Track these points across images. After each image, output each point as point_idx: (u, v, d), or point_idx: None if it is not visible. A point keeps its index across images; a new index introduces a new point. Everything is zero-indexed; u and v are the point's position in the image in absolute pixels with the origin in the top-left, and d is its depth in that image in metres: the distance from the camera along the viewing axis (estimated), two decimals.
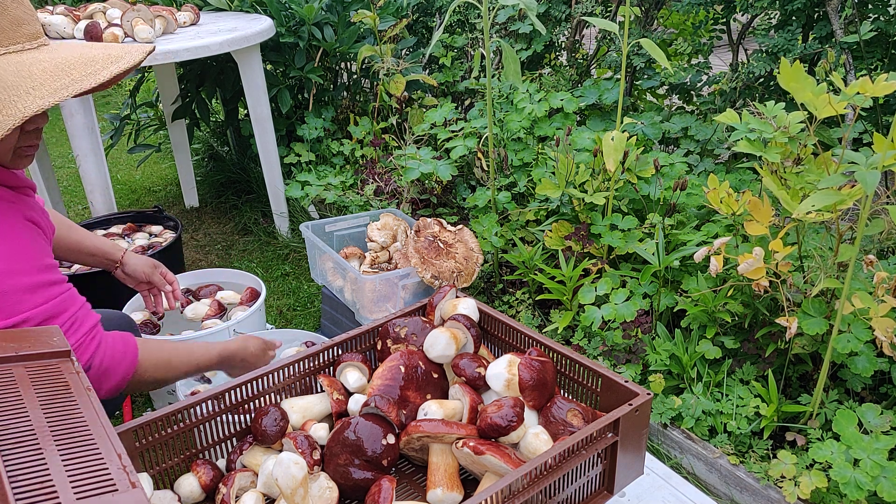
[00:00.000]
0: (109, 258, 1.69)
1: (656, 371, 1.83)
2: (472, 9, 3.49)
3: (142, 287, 1.76)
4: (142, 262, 1.73)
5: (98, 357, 1.20)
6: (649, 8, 2.86)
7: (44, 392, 0.84)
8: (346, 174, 3.17)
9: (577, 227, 2.13)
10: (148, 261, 1.74)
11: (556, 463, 1.02)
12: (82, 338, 1.18)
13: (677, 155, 2.31)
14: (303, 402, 1.27)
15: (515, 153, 2.58)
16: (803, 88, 1.46)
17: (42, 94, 1.06)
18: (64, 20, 2.54)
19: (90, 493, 0.67)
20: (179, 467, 1.16)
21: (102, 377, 1.22)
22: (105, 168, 2.54)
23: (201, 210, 3.66)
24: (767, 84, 2.53)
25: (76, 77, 1.10)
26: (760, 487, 1.58)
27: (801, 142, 1.62)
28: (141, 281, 1.74)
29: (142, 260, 1.73)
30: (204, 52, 2.50)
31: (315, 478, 1.10)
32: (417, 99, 3.44)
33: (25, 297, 1.10)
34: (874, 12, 2.28)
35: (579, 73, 3.23)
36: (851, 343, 1.56)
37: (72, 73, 1.10)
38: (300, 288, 2.82)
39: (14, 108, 1.04)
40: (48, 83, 1.07)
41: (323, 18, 3.24)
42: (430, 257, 2.06)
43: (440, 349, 1.28)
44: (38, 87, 1.07)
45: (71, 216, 3.67)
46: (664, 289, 1.99)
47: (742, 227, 1.78)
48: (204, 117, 3.51)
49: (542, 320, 2.23)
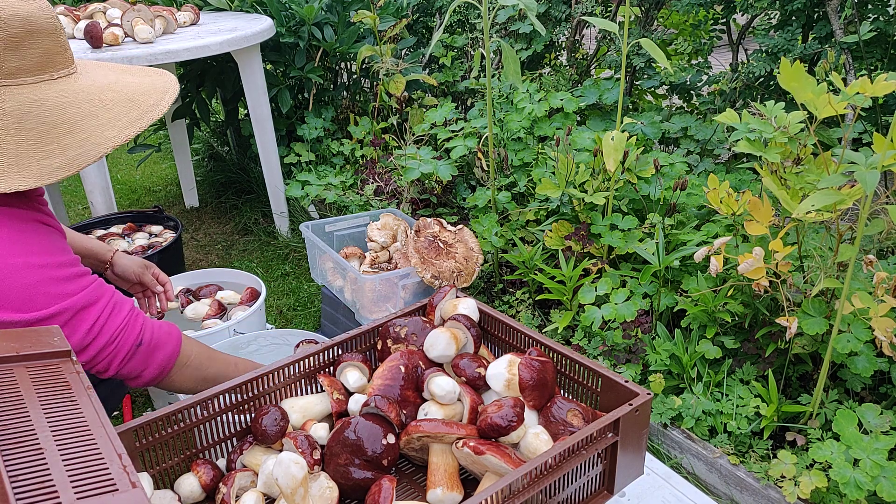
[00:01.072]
0: (99, 259, 1.67)
1: (656, 371, 1.84)
2: (472, 9, 3.49)
3: (135, 289, 1.74)
4: (132, 263, 1.71)
5: (147, 332, 1.22)
6: (649, 8, 2.86)
7: (44, 392, 0.84)
8: (346, 174, 3.17)
9: (577, 227, 2.14)
10: (139, 261, 1.72)
11: (556, 463, 1.02)
12: (126, 316, 1.20)
13: (677, 155, 2.31)
14: (303, 401, 1.27)
15: (515, 153, 2.58)
16: (804, 88, 1.46)
17: (124, 124, 1.15)
18: (64, 20, 2.54)
19: (91, 492, 0.67)
20: (179, 467, 1.16)
21: (153, 352, 1.23)
22: (105, 168, 2.54)
23: (201, 210, 3.66)
24: (767, 84, 2.53)
25: (144, 108, 1.19)
26: (760, 487, 1.59)
27: (801, 142, 1.62)
28: (132, 282, 1.72)
29: (132, 260, 1.72)
30: (204, 52, 2.49)
31: (315, 477, 1.10)
32: (417, 99, 3.44)
33: (56, 290, 1.11)
34: (874, 12, 2.28)
35: (579, 73, 3.23)
36: (851, 343, 1.57)
37: (140, 105, 1.19)
38: (300, 288, 2.82)
39: (102, 136, 1.12)
40: (124, 114, 1.16)
41: (323, 18, 3.24)
42: (430, 257, 2.06)
43: (440, 349, 1.28)
44: (117, 117, 1.15)
45: (71, 216, 3.67)
46: (664, 289, 1.99)
47: (742, 227, 1.78)
48: (204, 117, 3.51)
49: (542, 320, 2.23)
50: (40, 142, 1.09)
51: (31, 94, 1.09)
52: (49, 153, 1.09)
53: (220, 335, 1.85)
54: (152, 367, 1.24)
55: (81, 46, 2.42)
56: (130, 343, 1.20)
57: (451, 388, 1.20)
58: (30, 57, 1.09)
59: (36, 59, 1.10)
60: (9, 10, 1.06)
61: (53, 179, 1.09)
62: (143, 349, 1.22)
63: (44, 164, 1.08)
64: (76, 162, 1.10)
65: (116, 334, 1.18)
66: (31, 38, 1.08)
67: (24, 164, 1.07)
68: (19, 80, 1.08)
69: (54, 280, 1.11)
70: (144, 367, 1.23)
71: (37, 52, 1.10)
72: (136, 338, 1.20)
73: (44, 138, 1.09)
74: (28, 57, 1.09)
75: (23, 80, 1.09)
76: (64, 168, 1.09)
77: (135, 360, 1.21)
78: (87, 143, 1.11)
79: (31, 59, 1.09)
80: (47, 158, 1.09)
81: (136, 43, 2.48)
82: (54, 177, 1.08)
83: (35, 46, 1.09)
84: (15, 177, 1.06)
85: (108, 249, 1.69)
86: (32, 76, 1.10)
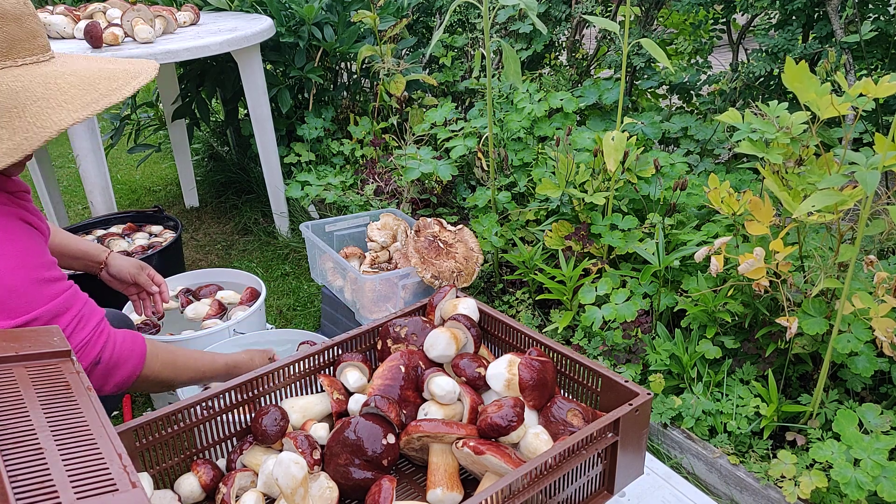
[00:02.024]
0: (93, 260, 1.67)
1: (656, 371, 1.84)
2: (473, 9, 3.49)
3: (130, 290, 1.73)
4: (127, 264, 1.70)
5: (108, 351, 1.21)
6: (649, 8, 2.86)
7: (44, 392, 0.84)
8: (346, 174, 3.17)
9: (577, 227, 2.13)
10: (133, 262, 1.72)
11: (556, 463, 1.02)
12: (90, 332, 1.19)
13: (677, 155, 2.31)
14: (303, 401, 1.27)
15: (515, 153, 2.58)
16: (807, 89, 1.46)
17: (75, 107, 1.09)
18: (64, 20, 2.54)
19: (91, 492, 0.67)
20: (179, 467, 1.16)
21: (111, 371, 1.22)
22: (105, 168, 2.54)
23: (201, 210, 3.66)
24: (767, 84, 2.53)
25: (103, 91, 1.13)
26: (760, 487, 1.59)
27: (803, 143, 1.62)
28: (128, 283, 1.71)
29: (127, 261, 1.71)
30: (204, 52, 2.49)
31: (315, 477, 1.10)
32: (417, 99, 3.44)
33: (34, 295, 1.10)
34: (874, 12, 2.28)
35: (579, 73, 3.23)
36: (851, 343, 1.56)
37: (98, 88, 1.13)
38: (300, 288, 2.82)
39: (48, 119, 1.07)
40: (78, 97, 1.10)
41: (323, 18, 3.24)
42: (430, 257, 2.06)
43: (440, 349, 1.28)
44: (70, 100, 1.09)
45: (71, 216, 3.67)
46: (664, 289, 1.99)
47: (742, 227, 1.78)
48: (204, 117, 3.51)
49: (542, 320, 2.23)
50: None
51: None
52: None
53: (220, 335, 1.84)
54: (110, 384, 1.24)
55: (81, 46, 2.42)
56: (89, 361, 1.19)
57: (451, 388, 1.20)
58: None
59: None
60: None
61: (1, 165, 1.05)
62: (100, 368, 1.21)
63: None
64: (22, 147, 1.05)
65: (77, 349, 1.17)
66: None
67: None
68: None
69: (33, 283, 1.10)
70: (102, 384, 1.23)
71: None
72: (95, 356, 1.19)
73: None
74: None
75: None
76: (10, 153, 1.05)
77: (92, 377, 1.20)
78: (33, 126, 1.07)
79: None
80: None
81: (136, 43, 2.48)
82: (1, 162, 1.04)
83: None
84: None
85: (102, 250, 1.69)
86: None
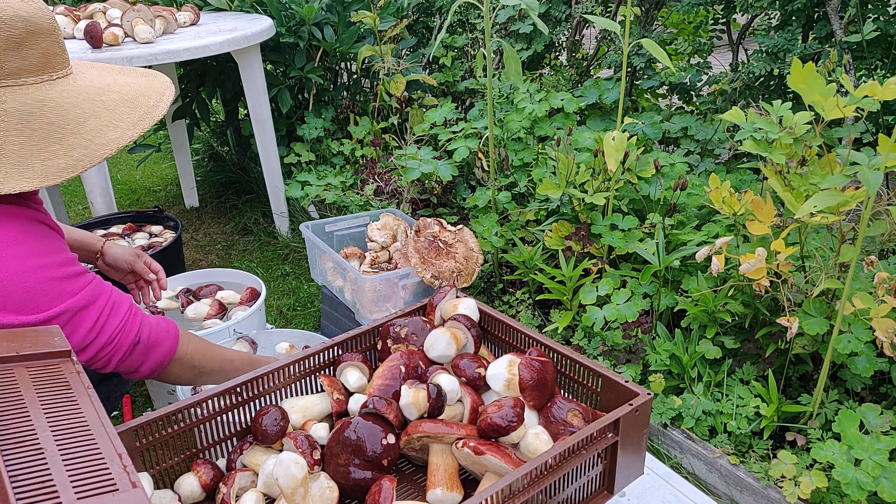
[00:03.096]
0: (89, 250, 1.67)
1: (656, 371, 1.83)
2: (473, 9, 3.49)
3: (127, 279, 1.74)
4: (123, 252, 1.71)
5: (145, 330, 1.23)
6: (649, 8, 2.86)
7: (44, 392, 0.84)
8: (346, 174, 3.17)
9: (578, 227, 2.13)
10: (129, 250, 1.72)
11: (556, 463, 1.02)
12: (125, 315, 1.21)
13: (677, 155, 2.31)
14: (303, 401, 1.27)
15: (516, 153, 2.58)
16: (812, 89, 1.45)
17: (126, 125, 1.16)
18: (64, 20, 2.54)
19: (91, 492, 0.67)
20: (179, 467, 1.16)
21: (150, 350, 1.24)
22: (105, 168, 2.54)
23: (201, 210, 3.66)
24: (767, 84, 2.53)
25: (146, 110, 1.20)
26: (760, 487, 1.58)
27: (806, 143, 1.61)
28: (124, 271, 1.72)
29: (123, 249, 1.71)
30: (204, 52, 2.49)
31: (315, 477, 1.10)
32: (417, 99, 3.44)
33: (56, 290, 1.11)
34: (874, 12, 2.28)
35: (579, 73, 3.23)
36: (852, 343, 1.56)
37: (141, 106, 1.20)
38: (300, 288, 2.82)
39: (105, 136, 1.13)
40: (126, 116, 1.17)
41: (323, 18, 3.24)
42: (430, 257, 2.06)
43: (440, 349, 1.28)
44: (120, 119, 1.16)
45: (71, 216, 3.67)
46: (664, 289, 1.99)
47: (743, 227, 1.78)
48: (204, 117, 3.51)
49: (542, 320, 2.23)
50: (44, 142, 1.09)
51: (33, 94, 1.10)
52: (53, 154, 1.09)
53: (220, 335, 1.85)
54: (149, 362, 1.26)
55: (81, 46, 2.42)
56: (129, 342, 1.21)
57: (454, 388, 1.20)
58: (30, 57, 1.09)
59: (36, 59, 1.10)
60: (10, 10, 1.06)
61: (58, 180, 1.09)
62: (140, 347, 1.23)
63: (48, 164, 1.09)
64: (81, 163, 1.10)
65: (116, 333, 1.19)
66: (32, 39, 1.08)
67: (28, 164, 1.07)
68: (20, 80, 1.09)
69: (54, 280, 1.11)
70: (142, 362, 1.25)
71: (37, 52, 1.10)
72: (134, 336, 1.22)
73: (48, 139, 1.09)
74: (28, 57, 1.09)
75: (24, 81, 1.09)
76: (69, 169, 1.10)
77: (133, 356, 1.23)
78: (91, 144, 1.12)
79: (32, 60, 1.09)
80: (51, 159, 1.09)
81: (136, 43, 2.48)
82: (59, 178, 1.09)
83: (35, 47, 1.09)
84: (18, 178, 1.06)
85: (97, 240, 1.69)
86: (33, 77, 1.10)
